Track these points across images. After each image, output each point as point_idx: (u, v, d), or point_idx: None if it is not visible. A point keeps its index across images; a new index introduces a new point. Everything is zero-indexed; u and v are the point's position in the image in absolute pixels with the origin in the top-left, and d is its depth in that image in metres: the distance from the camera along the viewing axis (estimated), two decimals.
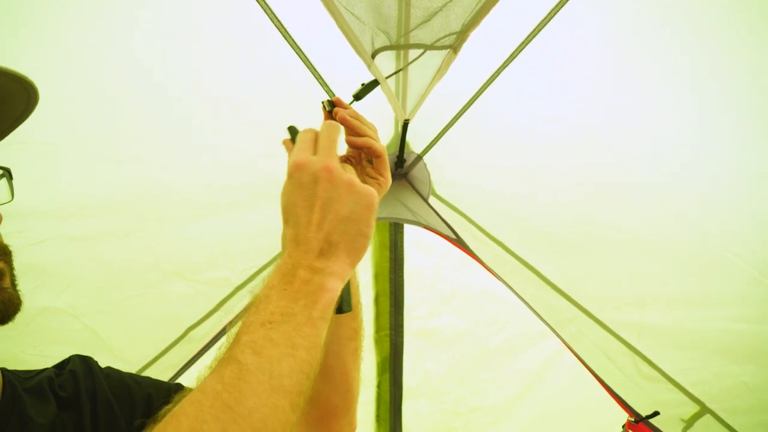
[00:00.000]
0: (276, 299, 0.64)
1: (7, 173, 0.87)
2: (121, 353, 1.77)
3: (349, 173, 0.71)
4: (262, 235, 1.81)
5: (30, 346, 1.62)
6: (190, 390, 0.96)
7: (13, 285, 0.81)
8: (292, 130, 0.90)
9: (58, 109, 1.33)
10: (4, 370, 0.88)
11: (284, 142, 0.93)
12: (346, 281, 0.70)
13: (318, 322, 0.65)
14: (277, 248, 1.85)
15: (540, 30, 1.34)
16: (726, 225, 1.59)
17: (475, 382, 2.28)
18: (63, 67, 1.32)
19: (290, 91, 1.49)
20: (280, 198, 0.72)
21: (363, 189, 0.70)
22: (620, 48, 1.36)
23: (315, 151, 0.72)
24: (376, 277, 2.12)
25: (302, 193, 0.69)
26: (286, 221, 0.71)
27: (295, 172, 0.70)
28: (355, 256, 0.70)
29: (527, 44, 1.36)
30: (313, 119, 1.57)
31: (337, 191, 0.68)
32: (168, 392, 1.00)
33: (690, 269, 1.71)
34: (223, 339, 0.67)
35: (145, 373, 1.81)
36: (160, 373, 1.87)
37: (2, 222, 0.82)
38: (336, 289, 0.67)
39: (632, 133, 1.52)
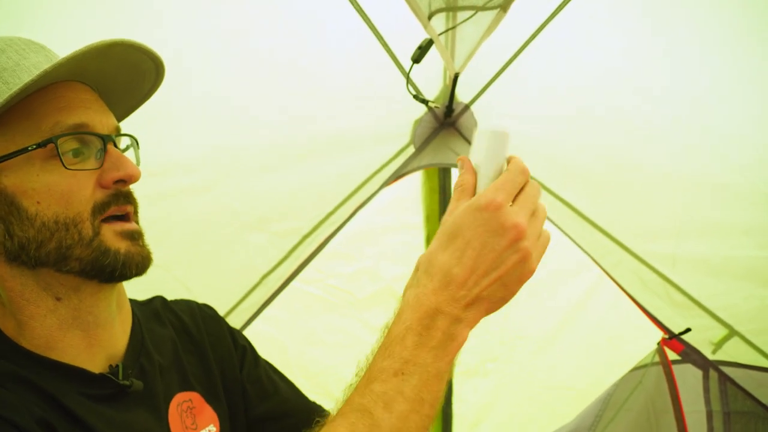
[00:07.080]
0: (411, 345, 0.66)
1: (135, 142, 0.87)
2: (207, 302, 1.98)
3: (537, 246, 0.69)
4: (327, 183, 1.98)
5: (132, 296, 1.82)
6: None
7: None
8: (488, 135, 0.77)
9: None
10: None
11: (462, 159, 0.77)
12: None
13: (444, 376, 0.67)
14: (339, 195, 2.03)
15: None
16: (754, 161, 1.70)
17: (519, 318, 2.44)
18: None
19: (354, 56, 1.64)
20: (450, 216, 0.70)
21: (532, 266, 0.68)
22: (653, 7, 1.48)
23: (515, 200, 0.69)
24: (427, 219, 2.29)
25: (482, 236, 0.67)
26: (444, 244, 0.69)
27: (489, 210, 0.67)
28: (487, 314, 0.70)
29: (568, 2, 1.49)
30: (375, 82, 1.72)
31: (513, 257, 0.67)
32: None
33: (719, 202, 1.83)
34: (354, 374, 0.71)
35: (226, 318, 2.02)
36: (238, 315, 2.07)
37: None
38: (465, 339, 0.68)
39: (663, 80, 1.64)
